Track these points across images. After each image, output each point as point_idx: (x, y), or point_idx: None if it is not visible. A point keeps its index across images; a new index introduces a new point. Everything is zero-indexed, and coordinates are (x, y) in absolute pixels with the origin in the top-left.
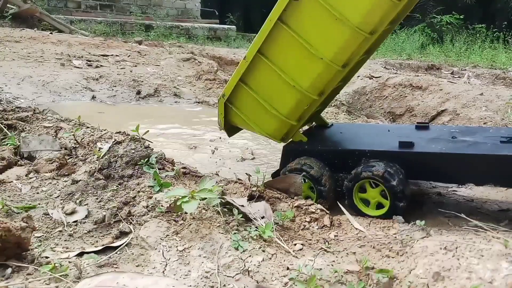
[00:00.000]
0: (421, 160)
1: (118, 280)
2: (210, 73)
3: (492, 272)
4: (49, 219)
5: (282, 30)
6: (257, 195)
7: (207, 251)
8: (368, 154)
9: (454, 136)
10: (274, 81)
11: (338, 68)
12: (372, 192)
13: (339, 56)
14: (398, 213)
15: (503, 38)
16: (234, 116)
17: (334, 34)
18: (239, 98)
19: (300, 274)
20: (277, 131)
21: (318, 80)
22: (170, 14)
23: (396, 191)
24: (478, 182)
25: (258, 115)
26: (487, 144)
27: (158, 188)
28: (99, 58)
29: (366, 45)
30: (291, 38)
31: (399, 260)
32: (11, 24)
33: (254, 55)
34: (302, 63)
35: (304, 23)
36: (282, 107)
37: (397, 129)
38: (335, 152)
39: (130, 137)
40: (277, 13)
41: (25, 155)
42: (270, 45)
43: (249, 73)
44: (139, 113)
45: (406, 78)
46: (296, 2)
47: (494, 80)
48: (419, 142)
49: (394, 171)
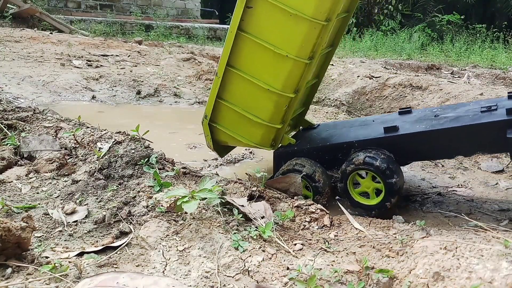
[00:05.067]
0: (408, 142)
1: (118, 280)
2: (210, 73)
3: (492, 272)
4: (49, 219)
5: (244, 39)
6: (257, 195)
7: (207, 251)
8: (356, 145)
9: (437, 115)
10: (249, 89)
11: (305, 62)
12: (365, 182)
13: (303, 50)
14: (395, 189)
15: (503, 38)
16: (221, 135)
17: (293, 30)
18: (220, 115)
19: (300, 274)
20: (264, 139)
21: (290, 78)
22: (170, 14)
23: (382, 169)
24: (467, 153)
25: (243, 127)
26: (468, 116)
27: (158, 188)
28: (99, 58)
29: (325, 34)
30: (254, 44)
31: (399, 260)
32: (11, 24)
33: (224, 69)
34: (270, 65)
35: (263, 26)
36: (262, 113)
37: (381, 118)
38: (324, 148)
39: (130, 137)
40: (235, 23)
41: (25, 155)
42: (237, 55)
43: (224, 88)
44: (139, 113)
45: (406, 78)
46: (251, 9)
47: (494, 80)
48: (403, 125)
49: (374, 154)
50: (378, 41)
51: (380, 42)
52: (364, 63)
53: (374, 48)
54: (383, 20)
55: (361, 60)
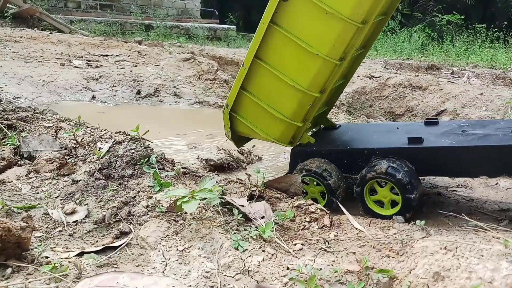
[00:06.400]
0: (431, 155)
1: (118, 280)
2: (210, 73)
3: (492, 272)
4: (49, 219)
5: (275, 32)
6: (257, 195)
7: (207, 251)
8: (377, 152)
9: (464, 130)
10: (274, 84)
11: (335, 62)
12: (382, 192)
13: (335, 50)
14: (412, 204)
15: (503, 38)
16: (240, 125)
17: (327, 29)
18: (242, 106)
19: (300, 274)
20: (283, 135)
21: (318, 77)
22: (170, 14)
23: (403, 183)
24: (491, 174)
25: (263, 121)
26: (498, 136)
27: (158, 188)
28: (99, 58)
29: (360, 36)
30: (285, 39)
31: (399, 260)
32: (11, 24)
33: (252, 61)
34: (299, 62)
35: (296, 21)
36: (285, 109)
37: (406, 126)
38: (344, 152)
39: (130, 137)
40: (268, 15)
41: (25, 155)
42: (266, 48)
43: (249, 79)
44: (139, 113)
45: (406, 78)
46: (286, 3)
47: (494, 80)
48: (428, 137)
49: (397, 165)
50: (378, 41)
51: (380, 42)
52: (364, 63)
53: (374, 48)
54: None
55: None
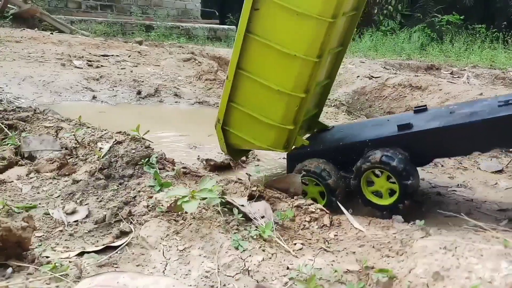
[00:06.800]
0: (422, 139)
1: (119, 280)
2: (210, 73)
3: (492, 271)
4: (49, 219)
5: (252, 41)
6: (257, 194)
7: (207, 250)
8: (369, 144)
9: (452, 111)
10: (260, 91)
11: (314, 60)
12: (379, 182)
13: (312, 49)
14: (409, 191)
15: (502, 38)
16: (234, 138)
17: (300, 29)
18: (233, 118)
19: (300, 274)
20: (277, 141)
21: (300, 78)
22: (171, 14)
23: (399, 170)
24: (484, 148)
25: (255, 130)
26: (485, 111)
27: (158, 188)
28: (99, 58)
29: (333, 32)
30: (263, 46)
31: (399, 260)
32: (11, 24)
33: (235, 72)
34: (280, 66)
35: (270, 27)
36: (274, 114)
37: (396, 117)
38: (338, 148)
39: (131, 137)
40: (243, 25)
41: (25, 155)
42: (246, 58)
43: (235, 91)
44: (139, 113)
45: (406, 78)
46: (257, 11)
47: (493, 80)
48: (418, 123)
49: (391, 153)
50: (378, 41)
51: (380, 42)
52: (364, 63)
53: (374, 48)
54: (383, 20)
55: (360, 60)
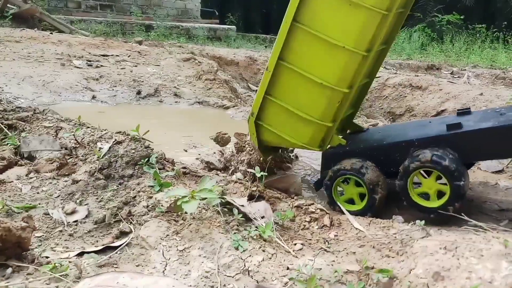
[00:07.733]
0: (474, 139)
1: (118, 280)
2: (210, 73)
3: (492, 272)
4: (49, 219)
5: (299, 30)
6: (257, 195)
7: (207, 251)
8: (416, 143)
9: (502, 113)
10: (301, 84)
11: (362, 54)
12: (427, 183)
13: (361, 41)
14: (461, 192)
15: (503, 38)
16: (267, 134)
17: (351, 20)
18: (268, 113)
19: (300, 274)
20: (313, 138)
21: (345, 71)
22: (170, 14)
23: (451, 170)
24: None
25: (292, 126)
26: None
27: (158, 188)
28: (99, 58)
29: (385, 25)
30: (309, 36)
31: (399, 260)
32: (11, 24)
33: (276, 63)
34: (326, 58)
35: (319, 16)
36: (314, 110)
37: (439, 119)
38: (380, 148)
39: (131, 137)
40: (291, 14)
41: (25, 155)
42: (290, 48)
43: (274, 83)
44: (139, 113)
45: (406, 78)
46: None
47: (494, 80)
48: (466, 123)
49: (441, 153)
50: None
51: None
52: None
53: None
54: None
55: None
